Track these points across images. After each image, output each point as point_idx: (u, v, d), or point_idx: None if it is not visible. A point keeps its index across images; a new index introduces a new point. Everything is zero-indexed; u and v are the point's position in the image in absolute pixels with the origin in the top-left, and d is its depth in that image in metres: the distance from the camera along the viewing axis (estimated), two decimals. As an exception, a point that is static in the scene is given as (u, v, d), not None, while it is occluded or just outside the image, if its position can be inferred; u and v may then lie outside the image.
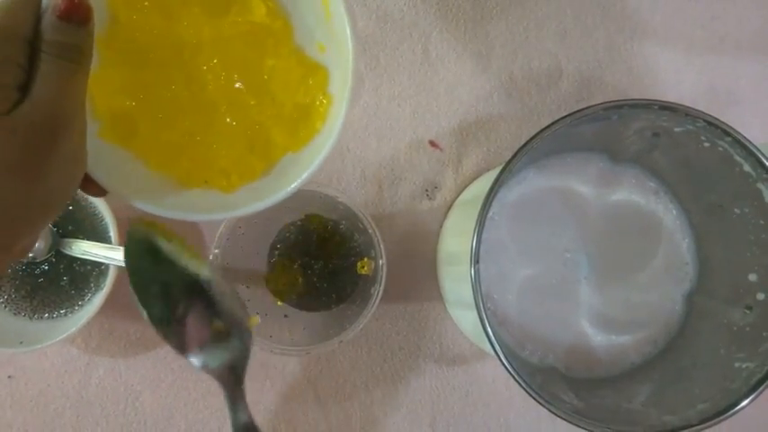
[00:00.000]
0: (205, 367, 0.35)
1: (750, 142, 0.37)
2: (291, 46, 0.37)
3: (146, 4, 0.35)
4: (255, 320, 0.50)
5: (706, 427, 0.37)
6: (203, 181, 0.37)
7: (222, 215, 0.36)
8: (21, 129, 0.26)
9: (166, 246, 0.36)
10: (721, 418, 0.37)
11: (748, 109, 0.59)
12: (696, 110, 0.37)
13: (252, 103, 0.37)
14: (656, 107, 0.37)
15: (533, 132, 0.39)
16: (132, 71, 0.36)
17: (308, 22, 0.37)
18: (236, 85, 0.37)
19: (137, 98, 0.36)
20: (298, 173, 0.35)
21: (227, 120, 0.37)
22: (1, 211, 0.27)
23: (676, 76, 0.59)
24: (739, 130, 0.39)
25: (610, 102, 0.38)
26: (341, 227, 0.54)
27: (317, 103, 0.36)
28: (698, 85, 0.59)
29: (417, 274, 0.57)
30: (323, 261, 0.54)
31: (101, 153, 0.34)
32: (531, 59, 0.58)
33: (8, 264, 0.30)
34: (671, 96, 0.59)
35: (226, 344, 0.36)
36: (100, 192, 0.33)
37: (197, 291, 0.36)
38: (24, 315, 0.53)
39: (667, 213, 0.47)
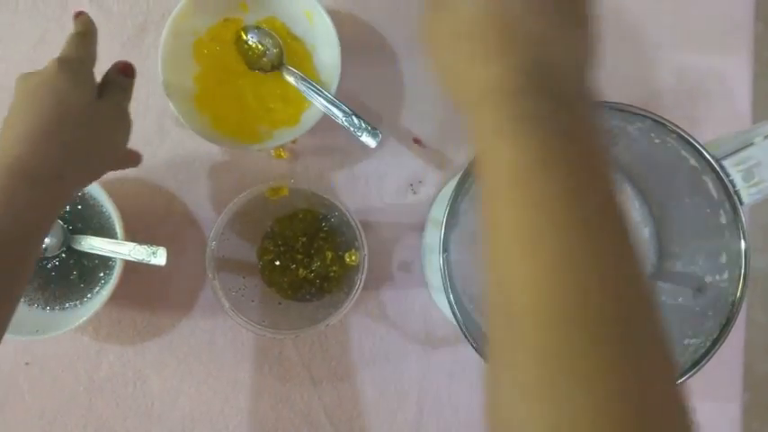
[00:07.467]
0: None
1: (693, 138, 0.40)
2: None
3: (206, 52, 0.58)
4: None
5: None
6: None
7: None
8: (104, 109, 0.44)
9: None
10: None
11: (715, 105, 0.62)
12: (643, 109, 0.40)
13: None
14: (607, 107, 0.41)
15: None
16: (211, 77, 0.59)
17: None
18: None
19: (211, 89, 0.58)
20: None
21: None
22: (90, 155, 0.43)
23: (647, 73, 0.62)
24: (707, 124, 0.42)
25: (566, 103, 0.41)
26: (331, 220, 0.58)
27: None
28: (667, 81, 0.62)
29: (405, 263, 0.61)
30: (313, 253, 0.57)
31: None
32: (509, 59, 0.61)
33: (76, 192, 0.49)
34: (642, 93, 0.62)
35: None
36: (138, 159, 0.53)
37: None
38: (38, 306, 0.57)
39: (630, 204, 0.51)
